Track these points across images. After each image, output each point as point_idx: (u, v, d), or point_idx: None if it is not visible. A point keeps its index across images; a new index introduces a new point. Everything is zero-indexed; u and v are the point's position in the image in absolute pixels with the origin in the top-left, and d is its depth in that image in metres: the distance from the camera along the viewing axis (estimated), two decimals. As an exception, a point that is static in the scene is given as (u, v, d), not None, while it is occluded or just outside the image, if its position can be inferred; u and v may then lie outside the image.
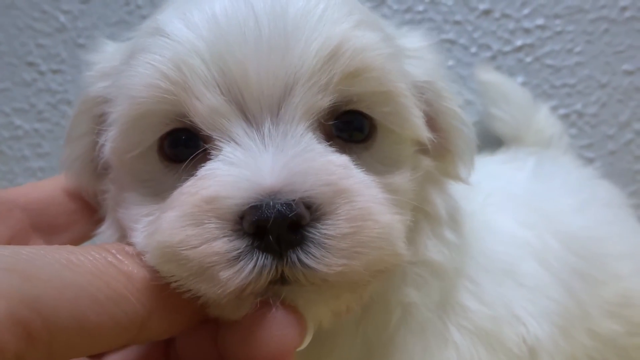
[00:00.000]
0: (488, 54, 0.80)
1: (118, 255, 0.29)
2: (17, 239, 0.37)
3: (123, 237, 0.36)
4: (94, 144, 0.38)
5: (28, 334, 0.22)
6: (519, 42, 0.79)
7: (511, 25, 0.79)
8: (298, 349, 0.29)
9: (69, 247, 0.28)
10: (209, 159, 0.32)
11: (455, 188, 0.47)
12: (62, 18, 0.88)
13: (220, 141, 0.32)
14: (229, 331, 0.30)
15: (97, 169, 0.39)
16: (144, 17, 0.84)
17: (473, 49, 0.80)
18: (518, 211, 0.55)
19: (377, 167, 0.35)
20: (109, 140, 0.34)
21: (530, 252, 0.52)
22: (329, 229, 0.28)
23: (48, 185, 0.42)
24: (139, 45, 0.34)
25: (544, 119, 0.77)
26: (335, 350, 0.39)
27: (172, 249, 0.29)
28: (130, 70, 0.32)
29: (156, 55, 0.31)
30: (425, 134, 0.36)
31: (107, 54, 0.39)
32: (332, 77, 0.31)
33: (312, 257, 0.28)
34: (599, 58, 0.79)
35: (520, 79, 0.80)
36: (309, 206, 0.29)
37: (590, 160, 0.79)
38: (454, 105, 0.39)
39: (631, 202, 0.76)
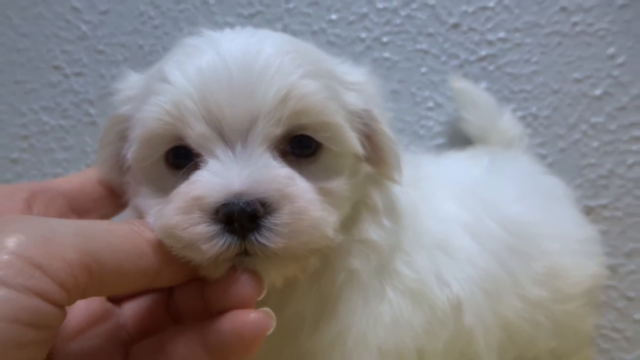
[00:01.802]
0: (456, 62, 0.86)
1: (141, 227, 0.39)
2: (61, 217, 0.44)
3: (140, 217, 0.44)
4: (119, 150, 0.47)
5: (90, 273, 0.32)
6: (483, 53, 0.86)
7: (476, 37, 0.86)
8: (258, 299, 0.39)
9: (108, 221, 0.38)
10: (199, 168, 0.41)
11: (407, 180, 0.56)
12: (83, 27, 0.95)
13: (206, 157, 0.41)
14: (210, 286, 0.40)
15: (121, 168, 0.48)
16: (155, 27, 0.93)
17: (443, 58, 0.86)
18: (462, 198, 0.62)
19: (320, 175, 0.44)
20: (130, 153, 0.43)
21: (467, 230, 0.59)
22: (276, 220, 0.38)
23: (81, 177, 0.50)
24: (151, 86, 0.43)
25: (507, 122, 0.83)
26: (294, 301, 0.48)
27: (170, 230, 0.38)
28: (145, 106, 0.42)
29: (161, 97, 0.41)
30: (359, 150, 0.45)
31: (129, 83, 0.48)
32: (283, 114, 0.40)
33: (264, 237, 0.38)
34: (552, 67, 0.84)
35: (483, 84, 0.86)
36: (263, 204, 0.38)
37: (543, 157, 0.85)
38: (385, 128, 0.47)
39: (578, 193, 0.83)
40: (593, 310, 0.71)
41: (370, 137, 0.47)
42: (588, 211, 0.84)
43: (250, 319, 0.37)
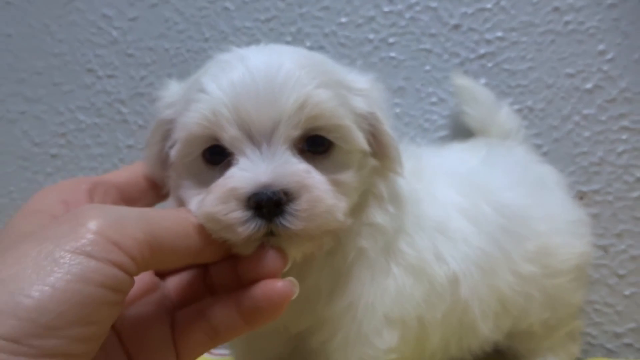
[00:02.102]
0: (457, 60, 0.92)
1: (187, 214, 0.46)
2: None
3: (181, 206, 0.50)
4: (162, 148, 0.54)
5: (151, 250, 0.39)
6: (482, 51, 0.91)
7: (476, 37, 0.91)
8: (282, 271, 0.45)
9: (159, 209, 0.46)
10: (232, 164, 0.47)
11: (409, 170, 0.61)
12: (114, 33, 1.01)
13: (237, 155, 0.47)
14: (243, 261, 0.46)
15: (164, 164, 0.54)
16: (179, 32, 0.99)
17: (445, 57, 0.92)
18: (460, 186, 0.68)
19: (332, 169, 0.50)
20: (174, 151, 0.51)
21: (464, 215, 0.66)
22: (296, 206, 0.45)
23: (129, 171, 0.56)
24: (191, 95, 0.50)
25: (505, 115, 0.88)
26: (312, 275, 0.55)
27: (211, 216, 0.45)
28: (187, 112, 0.49)
29: (200, 105, 0.48)
30: (365, 147, 0.52)
31: (170, 91, 0.55)
32: (301, 119, 0.47)
33: (287, 221, 0.44)
34: (547, 63, 0.89)
35: (483, 80, 0.91)
36: (286, 193, 0.44)
37: (538, 147, 0.90)
38: (387, 128, 0.54)
39: (572, 180, 0.89)
40: (581, 285, 0.77)
41: (375, 136, 0.54)
42: (581, 196, 0.90)
43: (278, 286, 0.44)
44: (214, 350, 0.93)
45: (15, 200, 1.09)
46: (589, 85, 0.90)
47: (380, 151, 0.55)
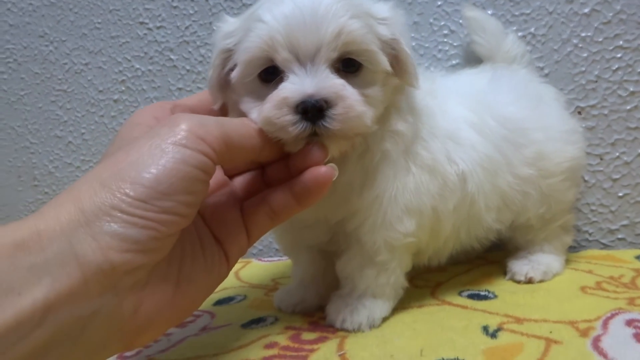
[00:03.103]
0: None
1: (250, 121, 0.57)
2: None
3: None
4: (222, 73, 0.63)
5: (226, 146, 0.50)
6: None
7: None
8: (324, 161, 0.56)
9: (227, 117, 0.61)
10: (283, 81, 0.57)
11: (425, 90, 0.73)
12: None
13: (288, 73, 0.57)
14: (294, 156, 0.57)
15: (224, 87, 0.64)
16: None
17: None
18: (469, 103, 0.79)
19: (362, 85, 0.59)
20: (235, 73, 0.60)
21: (472, 126, 0.76)
22: (334, 111, 0.55)
23: (198, 97, 0.67)
24: (250, 25, 0.59)
25: (511, 42, 0.96)
26: (347, 172, 0.64)
27: (268, 119, 0.55)
28: (247, 38, 0.59)
29: (259, 31, 0.57)
30: (388, 68, 0.61)
31: (227, 23, 0.64)
32: (338, 44, 0.57)
33: (327, 122, 0.55)
34: None
35: (490, 11, 1.01)
36: (326, 101, 0.55)
37: (541, 69, 1.00)
38: (406, 48, 0.64)
39: (571, 97, 1.00)
40: (573, 184, 0.88)
41: (396, 56, 0.65)
42: (579, 111, 1.01)
43: (322, 169, 0.55)
44: (264, 259, 1.11)
45: (87, 141, 1.26)
46: (586, 10, 0.99)
47: (400, 68, 0.64)
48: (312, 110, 0.55)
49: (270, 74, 0.59)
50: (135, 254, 0.45)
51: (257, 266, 1.07)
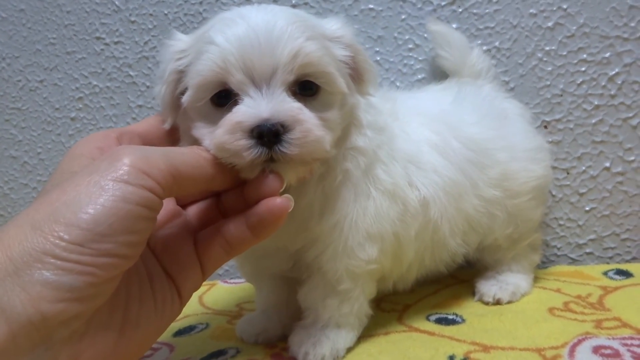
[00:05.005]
0: (430, 8, 1.00)
1: (199, 149, 0.54)
2: None
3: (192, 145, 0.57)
4: (174, 95, 0.61)
5: (174, 178, 0.48)
6: None
7: None
8: (280, 191, 0.54)
9: (177, 147, 0.58)
10: (237, 104, 0.55)
11: (386, 112, 0.72)
12: (117, 2, 1.10)
13: (242, 96, 0.56)
14: (248, 184, 0.55)
15: (176, 109, 0.61)
16: None
17: (419, 5, 1.01)
18: (432, 124, 0.78)
19: (319, 108, 0.58)
20: (186, 97, 0.58)
21: (435, 148, 0.75)
22: (291, 135, 0.54)
23: (148, 122, 0.64)
24: (201, 47, 0.57)
25: (476, 56, 0.96)
26: (306, 196, 0.63)
27: (221, 144, 0.53)
28: (199, 61, 0.57)
29: (211, 54, 0.56)
30: (345, 89, 0.60)
31: (179, 41, 0.62)
32: (294, 66, 0.55)
33: (284, 147, 0.53)
34: (511, 5, 0.98)
35: (454, 25, 1.00)
36: (282, 126, 0.53)
37: (506, 83, 1.00)
38: (364, 57, 0.64)
39: (537, 111, 0.99)
40: (539, 203, 0.88)
41: (355, 68, 0.64)
42: (545, 125, 1.01)
43: (277, 201, 0.53)
44: (230, 280, 1.08)
45: (43, 161, 1.21)
46: (550, 23, 0.98)
47: (358, 78, 0.64)
48: (268, 135, 0.53)
49: (223, 98, 0.58)
50: (70, 303, 0.42)
51: (222, 289, 1.04)
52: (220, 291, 1.03)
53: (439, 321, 0.79)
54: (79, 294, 0.43)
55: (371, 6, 1.03)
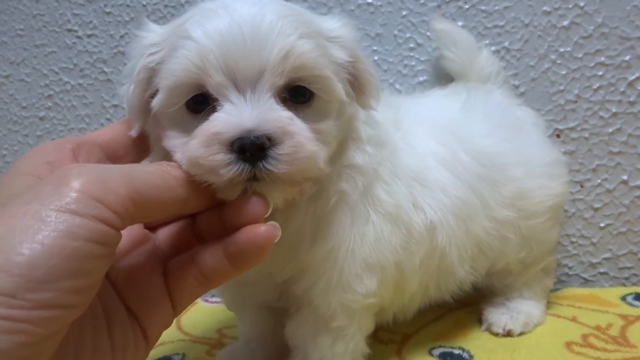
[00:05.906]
0: (434, 3, 0.92)
1: (168, 167, 0.46)
2: (101, 164, 0.48)
3: (165, 159, 0.50)
4: (144, 97, 0.53)
5: (135, 204, 0.40)
6: None
7: None
8: (265, 216, 0.46)
9: (143, 163, 0.48)
10: (216, 111, 0.47)
11: (388, 121, 0.64)
12: None
13: (222, 101, 0.47)
14: (227, 207, 0.47)
15: (146, 114, 0.53)
16: None
17: (422, 0, 0.93)
18: (439, 135, 0.70)
19: (313, 118, 0.51)
20: (157, 100, 0.50)
21: (442, 164, 0.67)
22: (279, 150, 0.45)
23: (112, 129, 0.55)
24: (175, 42, 0.49)
25: (485, 58, 0.88)
26: (296, 220, 0.56)
27: (195, 159, 0.45)
28: (172, 59, 0.49)
29: (186, 51, 0.48)
30: (343, 97, 0.52)
31: (151, 33, 0.54)
32: (285, 68, 0.47)
33: (270, 164, 0.45)
34: (523, 1, 0.90)
35: (460, 23, 0.92)
36: (269, 138, 0.45)
37: (516, 87, 0.92)
38: (366, 65, 0.55)
39: (549, 118, 0.92)
40: (555, 223, 0.80)
41: (355, 76, 0.55)
42: (558, 134, 0.93)
43: (261, 230, 0.45)
44: (211, 299, 0.99)
45: (9, 164, 1.12)
46: (565, 22, 0.90)
47: (359, 88, 0.56)
48: (252, 149, 0.45)
49: (199, 103, 0.49)
50: None
51: (203, 309, 0.95)
52: (200, 312, 0.94)
53: (444, 356, 0.71)
54: (8, 358, 0.34)
55: (369, 1, 0.95)
